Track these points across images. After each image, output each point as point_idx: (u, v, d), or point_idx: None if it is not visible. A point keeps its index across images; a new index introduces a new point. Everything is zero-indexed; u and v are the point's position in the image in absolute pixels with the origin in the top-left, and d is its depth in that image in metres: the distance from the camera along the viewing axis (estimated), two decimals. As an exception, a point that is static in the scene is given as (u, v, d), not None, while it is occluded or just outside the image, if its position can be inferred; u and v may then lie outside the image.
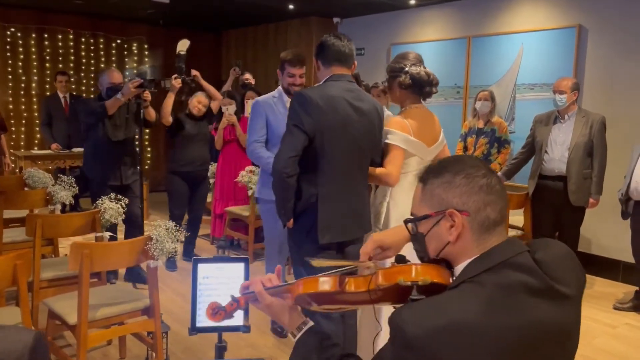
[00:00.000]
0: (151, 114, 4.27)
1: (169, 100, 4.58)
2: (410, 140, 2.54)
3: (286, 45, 7.50)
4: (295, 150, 2.33)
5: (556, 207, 4.14)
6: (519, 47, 5.37)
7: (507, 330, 0.97)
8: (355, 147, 2.46)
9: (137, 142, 4.43)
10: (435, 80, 2.59)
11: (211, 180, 5.57)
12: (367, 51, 6.84)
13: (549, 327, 1.01)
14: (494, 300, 0.98)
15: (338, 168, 2.43)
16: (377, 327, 2.52)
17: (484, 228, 1.08)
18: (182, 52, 4.45)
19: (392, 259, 1.22)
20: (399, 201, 2.58)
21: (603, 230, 4.69)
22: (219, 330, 1.84)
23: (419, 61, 2.59)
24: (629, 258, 4.08)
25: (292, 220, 2.45)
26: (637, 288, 4.09)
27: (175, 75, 4.44)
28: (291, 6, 6.49)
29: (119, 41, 8.02)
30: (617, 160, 4.21)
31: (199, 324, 1.79)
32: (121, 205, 3.31)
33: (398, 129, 2.54)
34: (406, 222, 1.17)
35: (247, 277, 1.82)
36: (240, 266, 1.81)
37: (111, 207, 3.22)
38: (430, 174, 1.13)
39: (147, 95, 4.05)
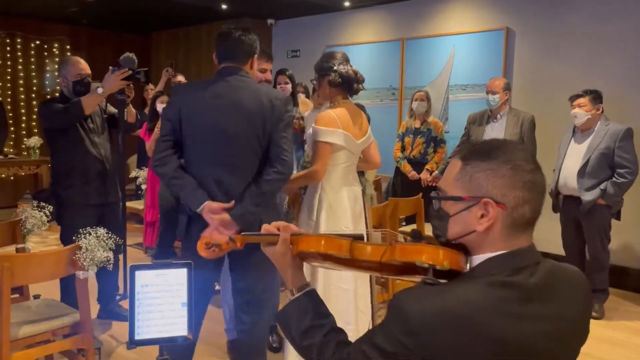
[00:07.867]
0: (132, 114, 3.45)
1: None
2: (338, 133, 2.60)
3: (219, 47, 7.32)
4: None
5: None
6: (451, 49, 5.50)
7: (515, 334, 0.94)
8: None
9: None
10: (362, 78, 2.73)
11: (143, 187, 5.33)
12: (303, 53, 6.79)
13: (549, 338, 0.99)
14: (508, 303, 0.95)
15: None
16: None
17: (515, 226, 1.02)
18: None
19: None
20: (330, 194, 2.66)
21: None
22: (161, 342, 1.70)
23: (346, 60, 2.72)
24: (559, 250, 4.24)
25: None
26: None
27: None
28: (224, 6, 6.33)
29: (38, 42, 7.52)
30: (545, 156, 4.34)
31: (137, 337, 1.64)
32: (45, 213, 3.03)
33: (325, 125, 2.60)
34: (433, 197, 1.11)
35: (190, 283, 1.69)
36: (183, 272, 1.68)
37: (33, 216, 2.95)
38: (476, 155, 1.04)
39: (131, 90, 3.27)
